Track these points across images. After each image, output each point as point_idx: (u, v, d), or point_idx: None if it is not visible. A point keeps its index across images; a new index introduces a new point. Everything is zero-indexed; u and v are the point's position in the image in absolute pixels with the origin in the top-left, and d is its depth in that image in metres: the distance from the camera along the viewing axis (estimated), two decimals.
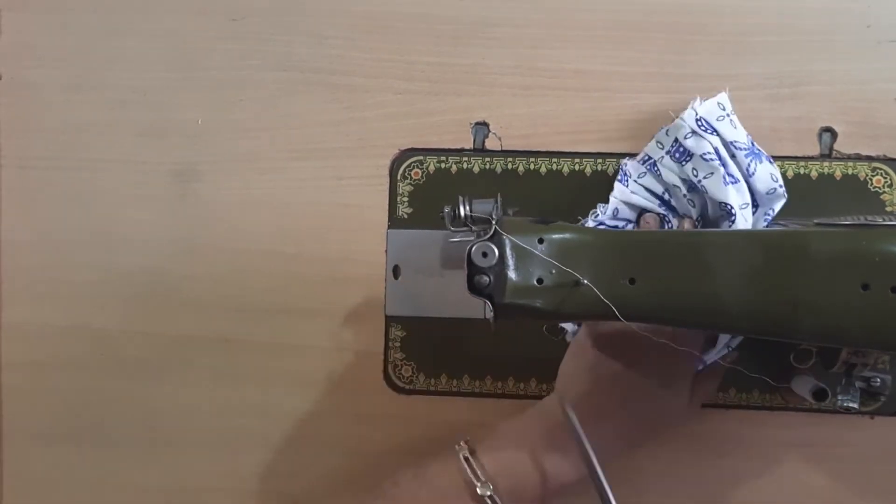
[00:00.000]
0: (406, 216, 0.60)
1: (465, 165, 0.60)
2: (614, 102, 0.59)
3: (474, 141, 0.60)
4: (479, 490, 0.48)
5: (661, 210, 0.56)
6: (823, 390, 0.50)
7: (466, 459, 0.49)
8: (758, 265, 0.43)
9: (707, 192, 0.52)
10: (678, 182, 0.54)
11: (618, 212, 0.56)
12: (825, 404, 0.50)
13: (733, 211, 0.51)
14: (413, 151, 0.60)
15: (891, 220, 0.43)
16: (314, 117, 0.61)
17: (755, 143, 0.54)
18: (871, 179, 0.57)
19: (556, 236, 0.46)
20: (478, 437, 0.51)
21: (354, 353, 0.61)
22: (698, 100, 0.53)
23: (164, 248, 0.62)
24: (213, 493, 0.63)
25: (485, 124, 0.60)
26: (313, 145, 0.61)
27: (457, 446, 0.50)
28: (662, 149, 0.54)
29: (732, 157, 0.52)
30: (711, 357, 0.53)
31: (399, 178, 0.60)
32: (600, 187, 0.58)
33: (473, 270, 0.46)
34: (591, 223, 0.56)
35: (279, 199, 0.62)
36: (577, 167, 0.59)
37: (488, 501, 0.48)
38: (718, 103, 0.53)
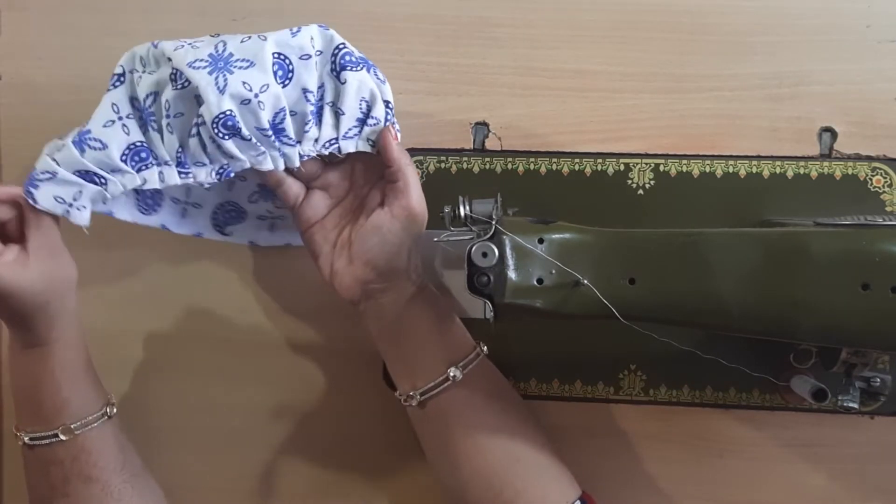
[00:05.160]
0: None
1: (465, 165, 0.60)
2: (614, 102, 0.59)
3: (474, 141, 0.60)
4: None
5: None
6: (823, 390, 0.50)
7: None
8: (758, 265, 0.43)
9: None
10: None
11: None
12: (825, 404, 0.50)
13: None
14: (413, 151, 0.60)
15: (891, 220, 0.44)
16: None
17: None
18: (871, 179, 0.57)
19: (556, 236, 0.46)
20: None
21: (354, 353, 0.61)
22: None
23: (166, 249, 0.62)
24: (213, 493, 0.63)
25: (485, 124, 0.60)
26: None
27: None
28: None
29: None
30: None
31: None
32: (600, 187, 0.58)
33: (473, 270, 0.46)
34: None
35: None
36: (577, 167, 0.59)
37: None
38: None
